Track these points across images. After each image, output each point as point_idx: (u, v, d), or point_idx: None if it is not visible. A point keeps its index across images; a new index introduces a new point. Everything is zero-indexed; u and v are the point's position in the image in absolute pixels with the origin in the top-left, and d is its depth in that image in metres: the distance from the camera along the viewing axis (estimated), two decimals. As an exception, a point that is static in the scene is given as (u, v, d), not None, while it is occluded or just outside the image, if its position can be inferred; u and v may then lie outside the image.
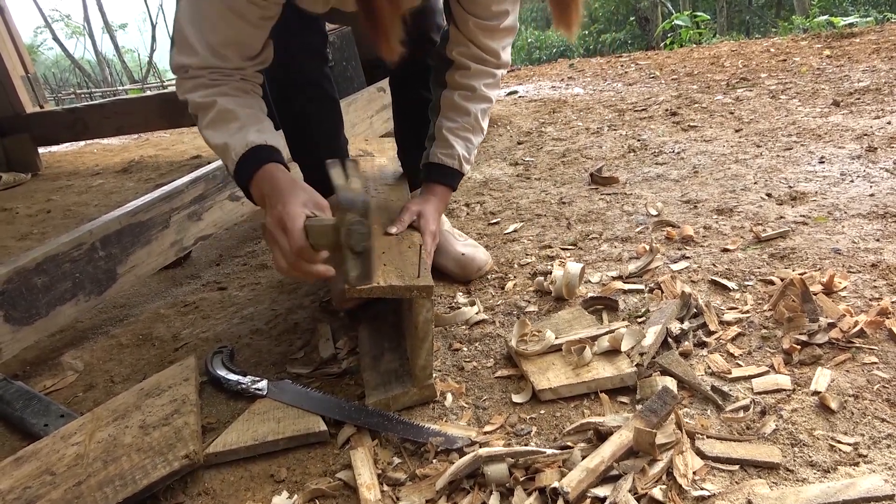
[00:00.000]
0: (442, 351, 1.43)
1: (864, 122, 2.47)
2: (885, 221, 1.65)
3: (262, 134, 1.31)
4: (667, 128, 2.87)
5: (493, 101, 1.60)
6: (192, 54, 1.28)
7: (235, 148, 1.28)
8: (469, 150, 1.56)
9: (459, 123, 1.54)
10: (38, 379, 1.64)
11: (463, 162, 1.55)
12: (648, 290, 1.51)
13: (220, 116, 1.30)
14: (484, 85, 1.54)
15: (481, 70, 1.52)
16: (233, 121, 1.30)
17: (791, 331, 1.27)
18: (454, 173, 1.55)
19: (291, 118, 1.69)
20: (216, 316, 1.84)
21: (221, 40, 1.27)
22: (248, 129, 1.30)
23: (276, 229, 1.19)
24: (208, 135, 1.33)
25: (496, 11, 1.44)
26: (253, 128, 1.31)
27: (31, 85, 4.30)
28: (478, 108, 1.55)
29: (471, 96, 1.54)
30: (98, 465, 1.16)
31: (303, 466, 1.16)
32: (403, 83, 1.81)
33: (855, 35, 4.25)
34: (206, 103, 1.30)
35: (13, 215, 3.30)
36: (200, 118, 1.34)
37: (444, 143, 1.54)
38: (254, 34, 1.31)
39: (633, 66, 4.63)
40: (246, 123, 1.30)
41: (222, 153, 1.32)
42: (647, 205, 2.01)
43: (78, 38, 29.55)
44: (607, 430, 1.06)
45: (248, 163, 1.28)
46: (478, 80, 1.52)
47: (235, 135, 1.29)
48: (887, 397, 1.08)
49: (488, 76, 1.54)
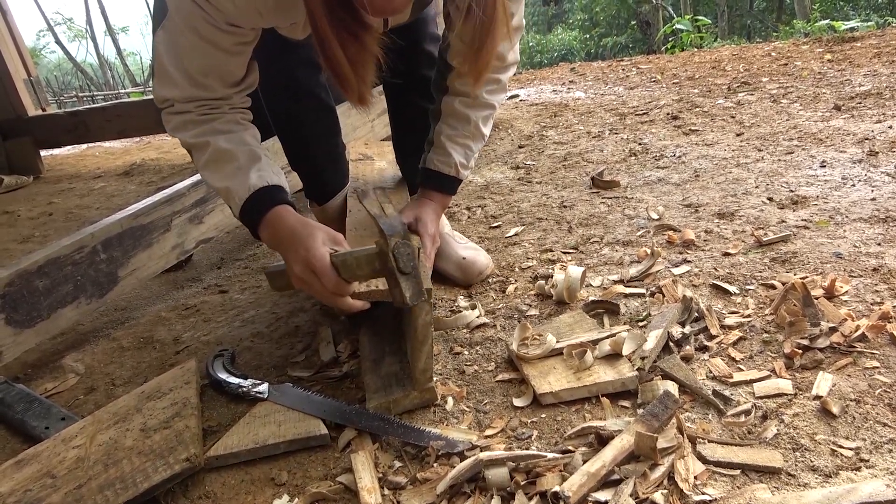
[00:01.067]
0: (443, 354, 1.43)
1: (866, 126, 2.48)
2: (886, 226, 1.65)
3: (262, 173, 1.27)
4: (668, 132, 2.87)
5: (497, 107, 1.56)
6: (173, 87, 1.23)
7: (238, 192, 1.25)
8: (468, 156, 1.54)
9: (458, 131, 1.52)
10: (39, 381, 1.64)
11: (460, 169, 1.53)
12: (650, 294, 1.51)
13: (215, 157, 1.26)
14: (486, 92, 1.49)
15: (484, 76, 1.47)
16: (230, 161, 1.26)
17: (792, 335, 1.27)
18: (451, 180, 1.54)
19: (288, 128, 1.68)
20: (217, 319, 1.84)
21: (200, 70, 1.22)
22: (247, 170, 1.26)
23: (307, 274, 1.18)
24: (206, 176, 1.29)
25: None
26: (253, 168, 1.27)
27: (33, 88, 4.31)
28: (479, 115, 1.52)
29: (472, 103, 1.50)
30: (99, 468, 1.16)
31: (303, 470, 1.16)
32: (398, 92, 1.80)
33: (856, 39, 4.26)
34: (198, 144, 1.26)
35: (15, 218, 3.30)
36: (195, 157, 1.30)
37: (441, 151, 1.52)
38: (232, 61, 1.25)
39: (635, 70, 4.63)
40: (244, 164, 1.26)
41: (224, 196, 1.29)
42: (649, 209, 2.01)
43: (80, 41, 29.60)
44: (608, 434, 1.06)
45: (253, 207, 1.26)
46: (480, 87, 1.47)
47: (235, 178, 1.26)
48: (889, 402, 1.08)
49: (492, 82, 1.49)
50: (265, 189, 1.27)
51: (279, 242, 1.25)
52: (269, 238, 1.28)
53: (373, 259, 1.18)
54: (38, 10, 24.40)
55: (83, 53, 29.66)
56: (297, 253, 1.19)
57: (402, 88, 1.74)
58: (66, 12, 56.93)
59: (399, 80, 1.63)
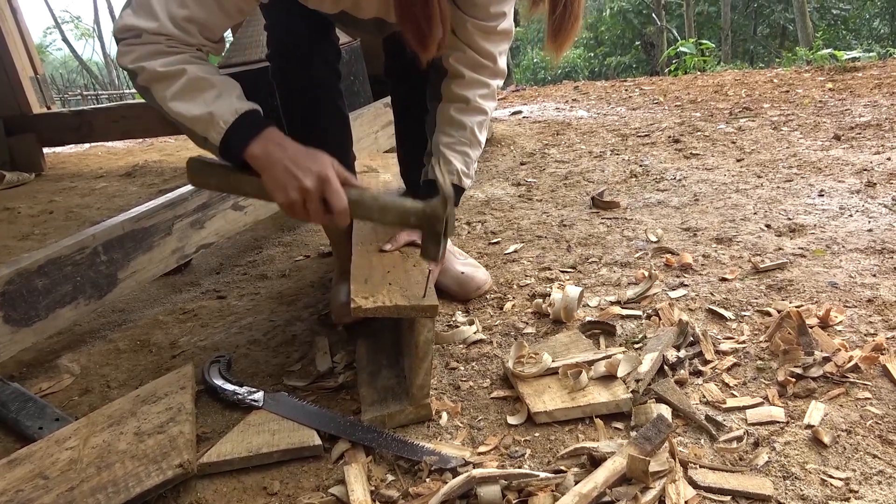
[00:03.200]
0: (439, 369, 1.44)
1: (865, 157, 2.50)
2: (882, 257, 1.67)
3: (245, 101, 1.23)
4: (669, 154, 2.89)
5: (490, 114, 1.57)
6: (151, 19, 1.17)
7: (223, 116, 1.20)
8: (468, 164, 1.54)
9: (456, 138, 1.52)
10: (34, 381, 1.64)
11: (462, 177, 1.53)
12: (646, 317, 1.52)
13: (192, 85, 1.20)
14: (479, 96, 1.51)
15: (476, 79, 1.50)
16: (208, 88, 1.21)
17: (786, 363, 1.28)
18: (454, 188, 1.53)
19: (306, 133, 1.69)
20: (214, 325, 1.84)
21: (187, 16, 1.18)
22: (228, 95, 1.22)
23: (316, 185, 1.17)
24: (177, 106, 1.21)
25: (494, 13, 1.43)
26: (233, 94, 1.23)
27: (39, 86, 4.32)
28: (474, 121, 1.52)
29: (466, 108, 1.51)
30: (91, 470, 1.16)
31: (296, 480, 1.16)
32: (406, 99, 1.82)
33: (857, 69, 4.30)
34: (170, 72, 1.19)
35: (15, 215, 3.30)
36: (161, 89, 1.21)
37: (442, 159, 1.52)
38: (221, 22, 1.24)
39: (638, 91, 4.67)
40: (223, 90, 1.22)
41: (204, 124, 1.21)
42: (648, 231, 2.02)
43: (87, 40, 29.72)
44: (601, 455, 1.06)
45: (241, 130, 1.21)
46: (472, 90, 1.50)
47: (216, 102, 1.20)
48: (880, 433, 1.09)
49: (483, 86, 1.51)
50: (256, 111, 1.24)
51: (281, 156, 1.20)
52: (266, 153, 1.21)
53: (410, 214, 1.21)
54: (46, 7, 24.49)
55: (89, 52, 29.76)
56: (310, 170, 1.17)
57: (409, 96, 1.74)
58: (75, 10, 57.10)
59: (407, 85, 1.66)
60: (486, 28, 1.44)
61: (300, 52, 1.57)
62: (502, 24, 1.46)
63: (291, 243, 2.45)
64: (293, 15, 1.54)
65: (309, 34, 1.58)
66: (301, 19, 1.55)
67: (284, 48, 1.61)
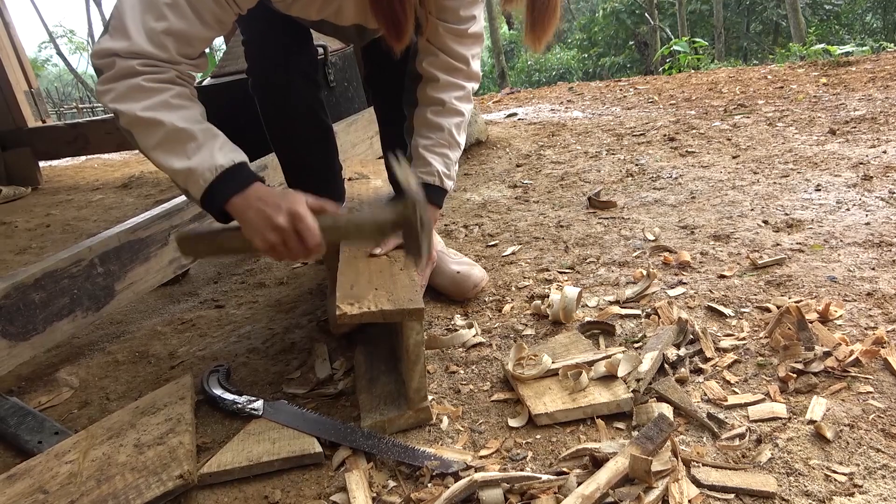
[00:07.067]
0: (438, 373, 1.43)
1: (860, 150, 2.50)
2: (880, 250, 1.67)
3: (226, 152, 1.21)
4: (665, 153, 2.89)
5: (467, 116, 1.57)
6: (123, 38, 1.13)
7: (203, 174, 1.18)
8: (447, 165, 1.53)
9: (434, 140, 1.52)
10: (32, 395, 1.64)
11: (444, 178, 1.52)
12: (645, 316, 1.52)
13: (171, 137, 1.17)
14: (455, 98, 1.52)
15: (450, 82, 1.51)
16: (188, 141, 1.18)
17: (787, 359, 1.27)
18: (436, 190, 1.53)
19: (287, 145, 1.68)
20: (213, 334, 1.84)
21: (165, 30, 1.15)
22: (208, 147, 1.19)
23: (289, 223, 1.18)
24: (159, 157, 1.20)
25: (465, 16, 1.45)
26: (215, 145, 1.20)
27: (33, 100, 4.33)
28: (451, 123, 1.53)
29: (442, 111, 1.52)
30: (91, 483, 1.16)
31: (297, 488, 1.16)
32: (385, 106, 1.81)
33: (851, 64, 4.31)
34: (149, 121, 1.16)
35: (12, 229, 3.30)
36: (142, 137, 1.20)
37: (421, 162, 1.52)
38: (201, 34, 1.20)
39: (632, 91, 4.67)
40: (204, 141, 1.19)
41: (184, 178, 1.20)
42: (645, 230, 2.02)
43: (81, 54, 29.73)
44: (603, 456, 1.06)
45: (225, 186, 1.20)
46: (447, 92, 1.51)
47: (196, 156, 1.18)
48: (882, 427, 1.08)
49: (458, 88, 1.52)
50: (238, 166, 1.21)
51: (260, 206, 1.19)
52: (243, 208, 1.20)
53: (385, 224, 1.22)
54: (40, 22, 24.50)
55: (84, 65, 29.80)
56: (280, 207, 1.18)
57: (391, 99, 1.73)
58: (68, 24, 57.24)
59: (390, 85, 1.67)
60: (458, 31, 1.47)
61: (279, 66, 1.57)
62: (473, 28, 1.48)
63: (289, 251, 2.44)
64: (271, 28, 1.54)
65: (286, 47, 1.58)
66: (279, 32, 1.55)
67: (263, 62, 1.60)
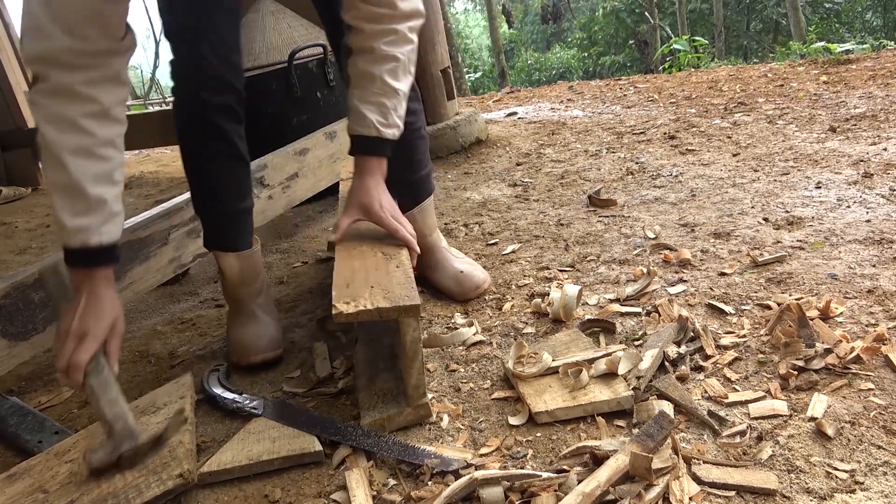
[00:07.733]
0: (439, 372, 1.43)
1: (861, 148, 2.50)
2: (881, 247, 1.66)
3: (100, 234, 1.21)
4: (665, 151, 2.89)
5: (403, 58, 1.47)
6: (45, 38, 1.10)
7: (68, 240, 1.20)
8: (384, 114, 1.45)
9: (367, 90, 1.45)
10: (33, 395, 1.64)
11: (380, 127, 1.45)
12: (645, 314, 1.51)
13: (67, 187, 1.17)
14: (384, 44, 1.43)
15: (377, 29, 1.43)
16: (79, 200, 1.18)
17: (787, 356, 1.27)
18: (373, 141, 1.46)
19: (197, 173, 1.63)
20: (213, 333, 1.84)
21: (79, 18, 1.10)
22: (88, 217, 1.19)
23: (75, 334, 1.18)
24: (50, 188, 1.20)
25: None
26: (95, 219, 1.20)
27: (33, 100, 4.32)
28: (383, 69, 1.44)
29: (371, 58, 1.44)
30: (91, 483, 1.16)
31: (297, 487, 1.16)
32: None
33: (851, 61, 4.30)
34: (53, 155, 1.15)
35: (12, 229, 3.30)
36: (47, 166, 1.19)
37: (356, 114, 1.46)
38: (112, 10, 1.15)
39: (632, 90, 4.67)
40: (88, 209, 1.19)
41: (58, 225, 1.20)
42: (645, 228, 2.02)
43: (81, 54, 29.66)
44: (603, 454, 1.06)
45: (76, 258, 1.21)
46: (375, 40, 1.43)
47: (75, 220, 1.18)
48: (884, 424, 1.08)
49: (387, 34, 1.43)
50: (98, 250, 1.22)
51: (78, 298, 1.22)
52: (76, 284, 1.24)
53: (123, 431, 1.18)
54: (40, 23, 24.41)
55: (84, 66, 29.66)
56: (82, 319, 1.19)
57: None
58: (68, 25, 57.02)
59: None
60: None
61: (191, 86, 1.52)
62: None
63: (289, 250, 2.45)
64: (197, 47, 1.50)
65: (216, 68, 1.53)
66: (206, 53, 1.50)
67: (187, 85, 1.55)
